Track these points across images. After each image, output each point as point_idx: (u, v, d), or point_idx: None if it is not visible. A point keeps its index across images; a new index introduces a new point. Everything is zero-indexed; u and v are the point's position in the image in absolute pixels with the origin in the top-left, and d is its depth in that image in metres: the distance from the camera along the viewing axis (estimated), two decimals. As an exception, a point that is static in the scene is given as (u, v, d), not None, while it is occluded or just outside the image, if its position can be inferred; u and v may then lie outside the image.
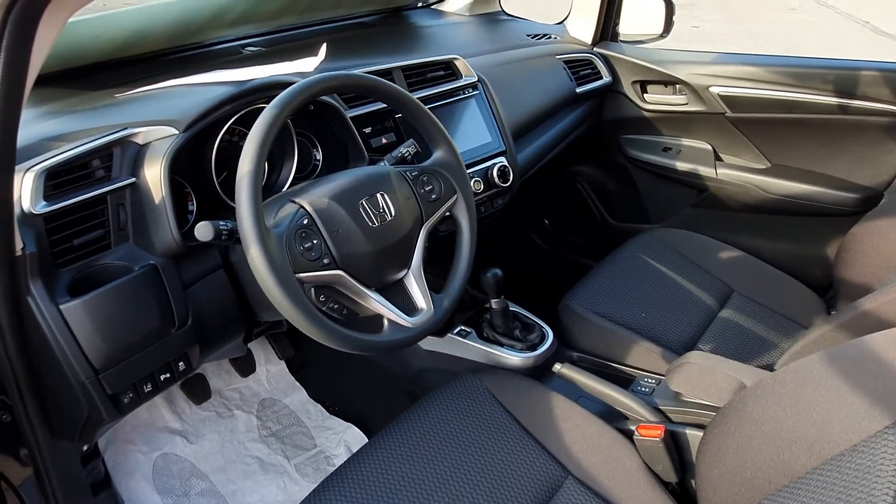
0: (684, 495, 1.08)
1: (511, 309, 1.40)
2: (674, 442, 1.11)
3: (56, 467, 1.05)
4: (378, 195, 0.96)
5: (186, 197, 1.04)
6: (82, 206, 0.89)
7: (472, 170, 1.35)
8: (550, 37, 1.84)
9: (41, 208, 0.84)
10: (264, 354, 1.70)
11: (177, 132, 0.94)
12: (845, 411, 0.70)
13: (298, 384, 1.70)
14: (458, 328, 1.39)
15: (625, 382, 1.26)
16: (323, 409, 1.65)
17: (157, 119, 0.96)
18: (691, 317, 1.39)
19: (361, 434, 1.58)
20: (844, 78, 1.48)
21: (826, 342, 1.06)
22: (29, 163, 0.86)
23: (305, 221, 0.89)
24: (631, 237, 1.63)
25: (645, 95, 1.80)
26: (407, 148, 1.10)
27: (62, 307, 0.85)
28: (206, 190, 1.04)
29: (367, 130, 1.21)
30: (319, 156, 1.19)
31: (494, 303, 1.32)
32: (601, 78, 1.79)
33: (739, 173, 1.70)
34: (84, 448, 1.13)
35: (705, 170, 1.75)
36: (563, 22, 1.90)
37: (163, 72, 1.27)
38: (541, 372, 1.32)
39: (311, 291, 0.91)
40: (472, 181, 1.33)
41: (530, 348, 1.33)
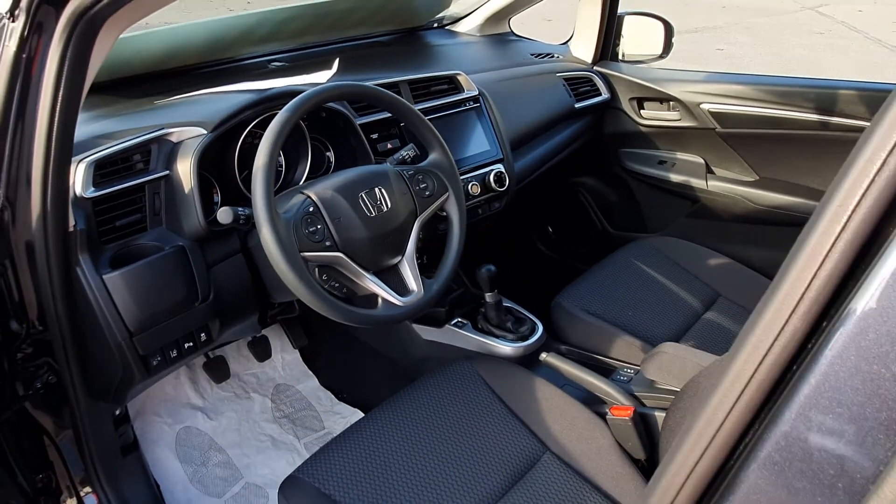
0: (652, 470, 1.16)
1: (505, 304, 1.51)
2: (644, 423, 1.19)
3: (92, 426, 1.19)
4: (377, 189, 1.09)
5: (212, 189, 1.19)
6: (124, 193, 1.04)
7: (471, 175, 1.47)
8: (553, 56, 1.96)
9: (90, 193, 0.99)
10: (280, 343, 1.83)
11: (205, 132, 1.09)
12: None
13: (311, 372, 1.82)
14: (456, 320, 1.51)
15: (606, 372, 1.34)
16: (332, 396, 1.77)
17: (189, 121, 1.12)
18: (675, 316, 1.46)
19: (366, 418, 1.69)
20: (824, 96, 1.56)
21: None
22: (82, 155, 1.02)
23: (311, 209, 1.02)
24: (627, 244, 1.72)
25: (642, 111, 1.90)
26: (407, 151, 1.23)
27: (105, 277, 0.99)
28: (229, 184, 1.19)
29: (374, 136, 1.35)
30: (332, 157, 1.33)
31: (488, 297, 1.43)
32: (600, 94, 1.89)
33: (729, 185, 1.79)
34: (117, 412, 1.28)
35: (698, 182, 1.83)
36: (567, 42, 2.02)
37: (197, 83, 1.42)
38: (530, 361, 1.41)
39: (316, 271, 1.04)
40: (470, 185, 1.46)
41: (521, 339, 1.43)
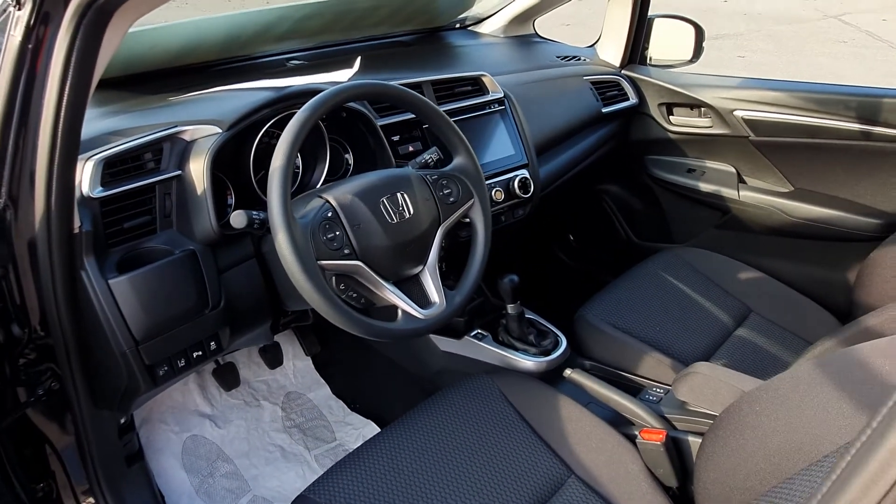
0: (684, 500, 1.10)
1: (527, 315, 1.45)
2: (676, 448, 1.13)
3: (96, 436, 1.14)
4: (398, 194, 1.03)
5: (226, 191, 1.14)
6: (134, 194, 0.99)
7: (495, 180, 1.41)
8: (580, 59, 1.89)
9: (98, 193, 0.94)
10: (292, 350, 1.78)
11: (220, 131, 1.04)
12: (833, 415, 0.73)
13: (323, 380, 1.77)
14: (475, 331, 1.45)
15: (634, 391, 1.28)
16: (344, 406, 1.72)
17: (203, 119, 1.06)
18: (705, 333, 1.40)
19: (379, 430, 1.63)
20: (868, 105, 1.49)
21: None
22: (90, 153, 0.97)
23: (329, 214, 0.97)
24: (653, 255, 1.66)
25: (671, 117, 1.83)
26: (430, 155, 1.17)
27: (111, 282, 0.94)
28: (244, 186, 1.13)
29: (396, 138, 1.29)
30: (351, 160, 1.28)
31: (510, 308, 1.37)
32: (628, 99, 1.83)
33: (762, 196, 1.72)
34: (122, 420, 1.22)
35: (728, 192, 1.77)
36: (594, 45, 1.96)
37: (213, 80, 1.38)
38: (552, 377, 1.35)
39: (332, 280, 0.98)
40: (494, 191, 1.40)
41: (543, 353, 1.37)
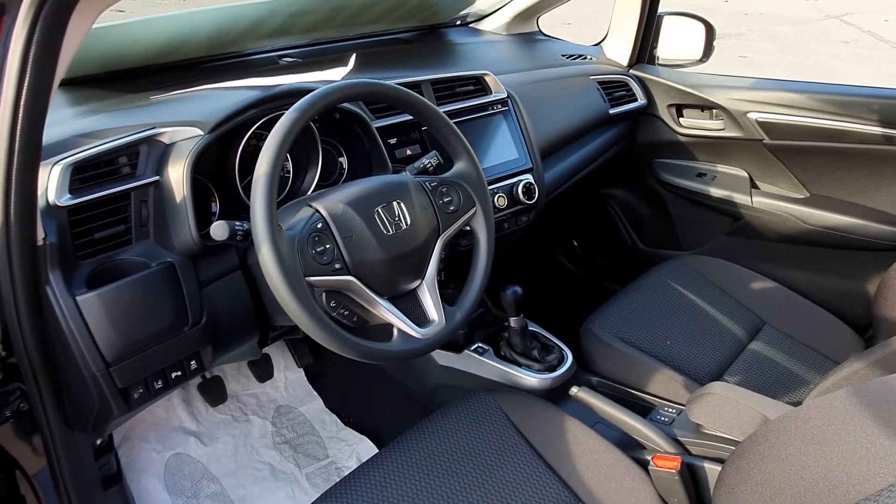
0: (700, 533, 1.03)
1: (531, 329, 1.38)
2: (691, 475, 1.06)
3: (69, 458, 1.06)
4: (395, 203, 0.96)
5: (210, 197, 1.06)
6: (106, 201, 0.91)
7: (498, 185, 1.34)
8: (586, 57, 1.82)
9: (65, 201, 0.86)
10: (283, 361, 1.70)
11: (202, 133, 0.96)
12: (873, 453, 0.66)
13: (315, 393, 1.70)
14: (476, 345, 1.38)
15: (644, 410, 1.21)
16: (338, 420, 1.64)
17: (184, 120, 0.98)
18: (718, 347, 1.34)
19: (374, 447, 1.57)
20: (890, 107, 1.43)
21: (857, 379, 1.01)
22: (59, 157, 0.89)
23: (319, 225, 0.89)
24: (662, 263, 1.59)
25: (680, 119, 1.76)
26: (429, 159, 1.09)
27: (78, 298, 0.86)
28: (230, 192, 1.05)
29: (393, 141, 1.21)
30: (345, 163, 1.20)
31: (513, 321, 1.30)
32: (636, 100, 1.76)
33: (776, 202, 1.65)
34: (97, 441, 1.15)
35: (741, 197, 1.70)
36: (600, 43, 1.89)
37: (200, 78, 1.30)
38: (557, 394, 1.29)
39: (322, 296, 0.91)
40: (497, 197, 1.32)
41: (548, 370, 1.31)
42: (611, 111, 1.69)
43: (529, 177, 1.39)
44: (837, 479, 0.67)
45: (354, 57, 1.16)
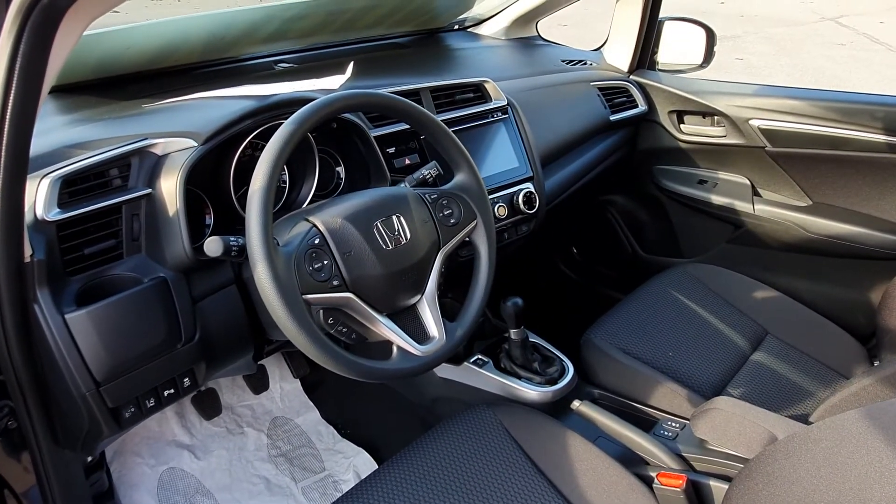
0: (705, 553, 1.01)
1: (531, 340, 1.36)
2: (696, 494, 1.04)
3: (58, 476, 1.03)
4: (394, 217, 0.93)
5: (205, 209, 1.03)
6: (96, 215, 0.89)
7: (498, 195, 1.32)
8: (586, 63, 1.80)
9: (54, 216, 0.83)
10: (279, 372, 1.67)
11: (195, 144, 0.93)
12: (887, 477, 0.64)
13: (312, 404, 1.67)
14: (476, 357, 1.35)
15: (647, 425, 1.20)
16: (335, 432, 1.62)
17: (178, 131, 0.96)
18: (721, 359, 1.32)
19: (371, 460, 1.54)
20: (894, 115, 1.41)
21: (867, 397, 0.99)
22: (46, 169, 0.86)
23: (317, 241, 0.86)
24: (662, 271, 1.57)
25: (681, 126, 1.74)
26: (429, 170, 1.07)
27: (67, 317, 0.83)
28: (225, 203, 1.03)
29: (391, 150, 1.19)
30: (342, 173, 1.18)
31: (513, 333, 1.28)
32: (636, 106, 1.74)
33: (779, 210, 1.63)
34: (88, 459, 1.12)
35: (742, 205, 1.68)
36: (600, 49, 1.86)
37: (194, 85, 1.28)
38: (558, 408, 1.27)
39: (320, 313, 0.88)
40: (497, 206, 1.30)
41: (549, 382, 1.29)
42: (611, 118, 1.67)
43: (530, 185, 1.36)
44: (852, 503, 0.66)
45: (352, 65, 1.14)
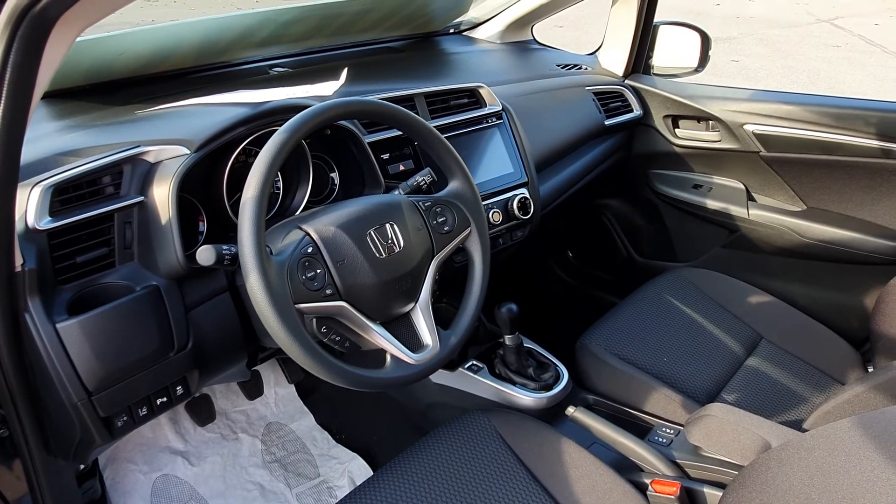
0: (699, 560, 1.01)
1: (526, 345, 1.35)
2: (690, 500, 1.04)
3: (50, 485, 1.02)
4: (387, 225, 0.93)
5: (198, 216, 1.02)
6: (88, 224, 0.88)
7: (492, 200, 1.31)
8: (581, 67, 1.80)
9: (45, 224, 0.83)
10: (274, 377, 1.67)
11: (188, 152, 0.93)
12: (880, 487, 0.64)
13: (307, 409, 1.66)
14: (470, 363, 1.35)
15: (641, 431, 1.20)
16: (329, 437, 1.61)
17: (170, 138, 0.95)
18: (715, 364, 1.32)
19: (366, 465, 1.54)
20: (889, 121, 1.41)
21: (861, 404, 0.99)
22: (37, 178, 0.85)
23: (310, 249, 0.86)
24: (657, 275, 1.57)
25: (676, 130, 1.75)
26: (423, 177, 1.07)
27: (59, 326, 0.83)
28: (218, 210, 1.02)
29: (385, 157, 1.19)
30: (336, 179, 1.17)
31: (508, 339, 1.27)
32: (632, 111, 1.74)
33: (773, 215, 1.63)
34: (81, 466, 1.11)
35: (737, 209, 1.68)
36: (595, 53, 1.86)
37: (188, 90, 1.27)
38: (553, 413, 1.27)
39: (313, 322, 0.88)
40: (492, 212, 1.30)
41: (544, 388, 1.28)
42: (606, 122, 1.67)
43: (525, 191, 1.36)
44: (843, 512, 0.66)
45: (346, 71, 1.14)
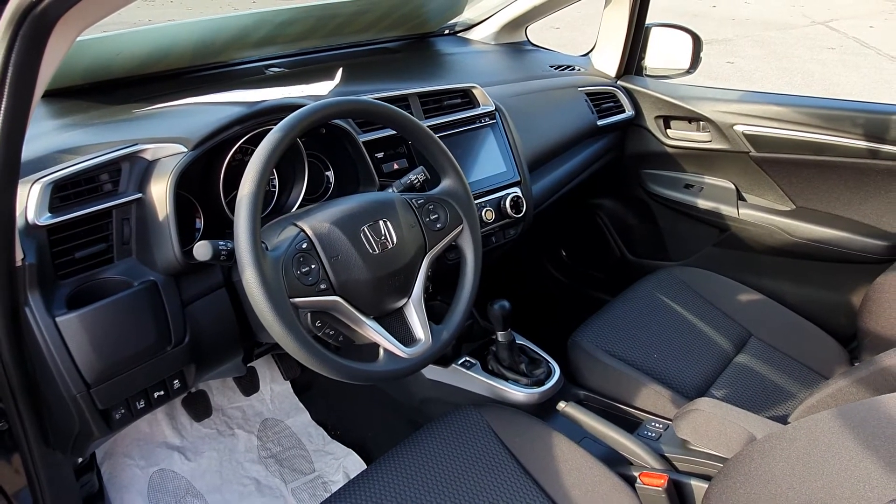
0: (686, 550, 1.03)
1: (518, 342, 1.37)
2: (678, 493, 1.06)
3: (49, 478, 1.04)
4: (381, 222, 0.95)
5: (195, 213, 1.04)
6: (87, 220, 0.90)
7: (485, 199, 1.33)
8: (574, 68, 1.82)
9: (45, 220, 0.84)
10: (270, 374, 1.68)
11: (185, 150, 0.95)
12: (857, 476, 0.66)
13: (302, 405, 1.68)
14: (463, 359, 1.37)
15: (631, 426, 1.22)
16: (325, 433, 1.63)
17: (168, 136, 0.97)
18: (705, 360, 1.34)
19: (361, 461, 1.55)
20: (875, 122, 1.43)
21: (843, 397, 1.01)
22: (37, 174, 0.87)
23: (305, 245, 0.88)
24: (649, 274, 1.59)
25: (668, 131, 1.77)
26: (416, 175, 1.09)
27: (58, 319, 0.84)
28: (214, 207, 1.04)
29: (380, 155, 1.20)
30: (332, 177, 1.19)
31: (500, 335, 1.29)
32: (624, 111, 1.76)
33: (763, 214, 1.66)
34: (79, 460, 1.13)
35: (727, 209, 1.70)
36: (588, 54, 1.89)
37: (185, 89, 1.29)
38: (545, 409, 1.29)
39: (308, 317, 0.89)
40: (484, 211, 1.32)
41: (536, 384, 1.31)
42: (599, 123, 1.69)
43: (517, 190, 1.38)
44: (823, 501, 0.68)
45: (341, 71, 1.15)
